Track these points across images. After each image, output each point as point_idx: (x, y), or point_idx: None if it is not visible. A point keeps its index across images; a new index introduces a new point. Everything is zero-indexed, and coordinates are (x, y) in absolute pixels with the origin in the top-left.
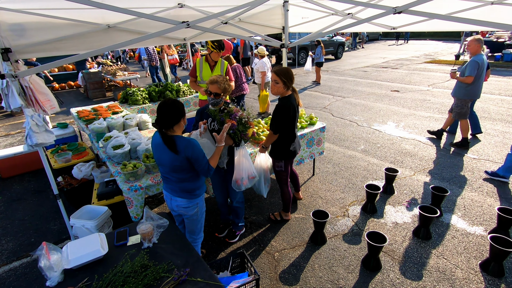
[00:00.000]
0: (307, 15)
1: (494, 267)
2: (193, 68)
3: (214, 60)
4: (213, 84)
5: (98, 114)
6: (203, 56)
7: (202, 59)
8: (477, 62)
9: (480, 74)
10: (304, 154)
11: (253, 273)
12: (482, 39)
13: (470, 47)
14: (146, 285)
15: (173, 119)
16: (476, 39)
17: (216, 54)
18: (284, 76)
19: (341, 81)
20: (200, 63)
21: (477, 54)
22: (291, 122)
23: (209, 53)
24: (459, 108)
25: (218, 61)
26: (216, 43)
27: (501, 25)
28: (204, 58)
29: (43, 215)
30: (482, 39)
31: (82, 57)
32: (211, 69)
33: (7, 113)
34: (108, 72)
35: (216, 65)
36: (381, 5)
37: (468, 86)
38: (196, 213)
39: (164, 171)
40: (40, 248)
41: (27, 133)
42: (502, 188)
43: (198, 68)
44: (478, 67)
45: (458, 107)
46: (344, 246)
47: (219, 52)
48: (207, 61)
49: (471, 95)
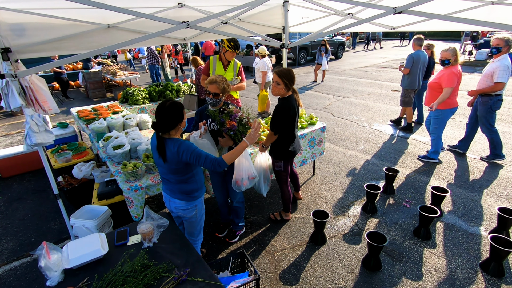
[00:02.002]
0: (307, 15)
1: (494, 267)
2: (206, 66)
3: (228, 59)
4: (212, 84)
5: (98, 114)
6: (216, 55)
7: (215, 58)
8: (412, 56)
9: (416, 67)
10: (306, 155)
11: (253, 273)
12: (422, 38)
13: (412, 45)
14: (146, 284)
15: (169, 124)
16: (415, 38)
17: (230, 54)
18: (285, 78)
19: (341, 81)
20: (214, 62)
21: (416, 50)
22: (290, 122)
23: (224, 52)
24: (403, 97)
25: (231, 60)
26: (232, 42)
27: (501, 25)
28: (218, 57)
29: (43, 215)
30: (422, 37)
31: (82, 57)
32: (224, 68)
33: (7, 113)
34: (108, 72)
35: (230, 64)
36: (381, 5)
37: (409, 78)
38: (194, 215)
39: (163, 172)
40: (40, 247)
41: (26, 133)
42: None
43: (211, 67)
44: (413, 61)
45: (402, 96)
46: (344, 246)
47: (234, 52)
48: (221, 60)
49: (411, 86)
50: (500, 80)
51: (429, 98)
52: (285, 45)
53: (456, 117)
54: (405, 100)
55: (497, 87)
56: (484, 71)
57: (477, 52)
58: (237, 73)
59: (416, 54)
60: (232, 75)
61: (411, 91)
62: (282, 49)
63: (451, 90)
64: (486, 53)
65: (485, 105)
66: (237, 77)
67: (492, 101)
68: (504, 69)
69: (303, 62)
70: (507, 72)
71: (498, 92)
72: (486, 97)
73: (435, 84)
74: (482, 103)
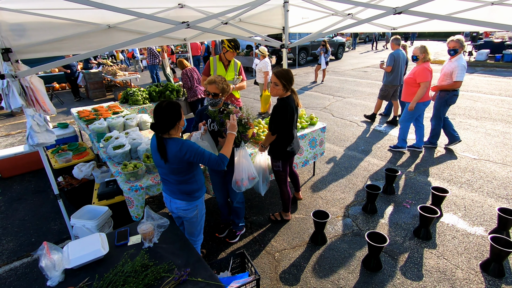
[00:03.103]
0: (307, 16)
1: (495, 267)
2: (206, 67)
3: (228, 59)
4: (211, 84)
5: (99, 114)
6: (216, 55)
7: (215, 58)
8: (393, 55)
9: (397, 65)
10: (308, 156)
11: (254, 273)
12: (399, 38)
13: (391, 45)
14: (146, 285)
15: (168, 124)
16: (393, 39)
17: (231, 54)
18: (284, 79)
19: (341, 81)
20: (214, 62)
21: (395, 49)
22: (288, 123)
23: (224, 52)
24: (382, 91)
25: (231, 60)
26: (232, 42)
27: (501, 25)
28: (218, 57)
29: (43, 215)
30: (399, 38)
31: (82, 57)
32: (225, 68)
33: (8, 113)
34: (108, 72)
35: (230, 64)
36: (381, 6)
37: (391, 75)
38: (195, 215)
39: (163, 173)
40: (40, 248)
41: (28, 133)
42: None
43: (212, 67)
44: (394, 59)
45: (382, 91)
46: (344, 246)
47: (234, 52)
48: (221, 60)
49: (392, 82)
50: (458, 79)
51: (405, 93)
52: (285, 45)
53: (456, 118)
54: (384, 94)
55: (456, 85)
56: (443, 70)
57: (477, 52)
58: (238, 73)
59: (396, 53)
60: (233, 75)
61: (391, 87)
62: (282, 50)
63: (428, 84)
64: (486, 54)
65: (441, 99)
66: (238, 77)
67: (449, 96)
68: (462, 69)
69: (303, 62)
70: (463, 72)
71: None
72: (443, 92)
73: (410, 79)
74: (440, 97)
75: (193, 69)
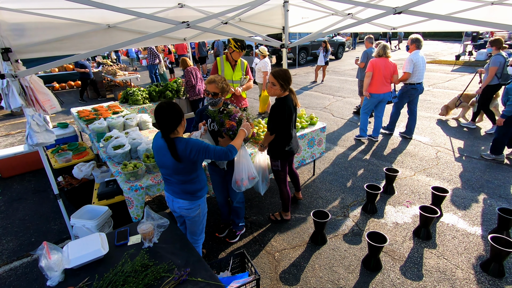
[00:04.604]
0: (307, 15)
1: (495, 267)
2: (213, 67)
3: (235, 59)
4: (211, 84)
5: (99, 114)
6: (223, 56)
7: (222, 59)
8: (366, 52)
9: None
10: (305, 155)
11: (254, 273)
12: (372, 37)
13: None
14: (146, 284)
15: (175, 121)
16: (367, 38)
17: (237, 54)
18: (281, 79)
19: (342, 81)
20: (221, 62)
21: (369, 47)
22: (287, 122)
23: (231, 52)
24: (360, 87)
25: (238, 60)
26: (239, 42)
27: (501, 25)
28: (225, 57)
29: (43, 215)
30: (372, 37)
31: (82, 57)
32: (232, 68)
33: (7, 113)
34: (108, 72)
35: (237, 64)
36: (381, 5)
37: (363, 70)
38: (198, 214)
39: (166, 173)
40: (40, 247)
41: (27, 133)
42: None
43: (219, 67)
44: (367, 56)
45: (360, 87)
46: (344, 246)
47: (241, 52)
48: (228, 60)
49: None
50: (405, 70)
51: None
52: (285, 45)
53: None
54: (361, 90)
55: (404, 76)
56: None
57: (477, 52)
58: (245, 72)
59: (369, 51)
60: (241, 75)
61: None
62: (282, 49)
63: (370, 75)
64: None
65: (401, 90)
66: (245, 77)
67: (407, 88)
68: (409, 62)
69: (303, 62)
70: (410, 64)
71: (411, 81)
72: (403, 85)
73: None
74: (401, 89)
75: (194, 68)
